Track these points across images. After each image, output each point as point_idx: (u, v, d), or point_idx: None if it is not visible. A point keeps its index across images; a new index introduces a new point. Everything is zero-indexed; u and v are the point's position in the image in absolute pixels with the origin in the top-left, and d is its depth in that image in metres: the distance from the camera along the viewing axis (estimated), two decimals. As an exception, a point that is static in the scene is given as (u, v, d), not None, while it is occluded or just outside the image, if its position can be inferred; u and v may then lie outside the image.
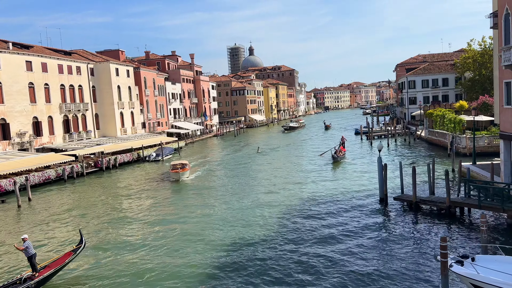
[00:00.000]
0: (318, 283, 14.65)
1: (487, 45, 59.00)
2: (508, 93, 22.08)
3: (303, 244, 18.53)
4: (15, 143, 43.19)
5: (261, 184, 33.31)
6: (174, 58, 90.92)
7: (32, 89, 46.07)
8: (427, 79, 74.93)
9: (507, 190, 19.36)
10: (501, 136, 23.46)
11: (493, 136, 37.58)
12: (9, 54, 43.23)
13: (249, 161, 47.43)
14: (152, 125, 69.72)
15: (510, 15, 20.79)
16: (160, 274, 16.27)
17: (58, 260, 16.12)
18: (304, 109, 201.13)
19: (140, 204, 28.91)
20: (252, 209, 25.22)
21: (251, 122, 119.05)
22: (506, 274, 11.79)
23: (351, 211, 23.35)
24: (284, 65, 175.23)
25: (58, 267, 15.63)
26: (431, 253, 16.49)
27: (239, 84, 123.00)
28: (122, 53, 73.43)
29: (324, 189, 29.55)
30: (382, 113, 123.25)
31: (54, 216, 26.79)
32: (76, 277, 16.46)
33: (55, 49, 54.57)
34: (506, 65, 20.97)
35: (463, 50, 68.68)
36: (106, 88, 57.84)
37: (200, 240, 20.03)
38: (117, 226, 23.45)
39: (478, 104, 47.68)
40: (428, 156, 41.57)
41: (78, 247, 16.78)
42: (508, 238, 17.74)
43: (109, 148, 48.69)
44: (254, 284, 14.86)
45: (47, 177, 38.62)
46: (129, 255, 18.57)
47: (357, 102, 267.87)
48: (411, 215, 21.84)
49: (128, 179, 40.04)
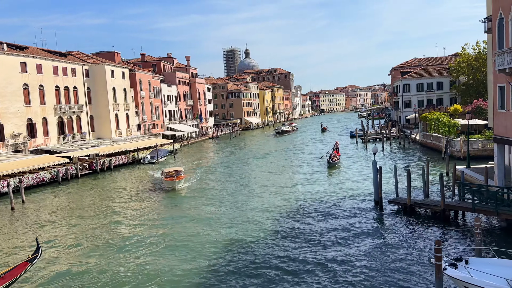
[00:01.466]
0: (312, 287, 14.63)
1: (481, 50, 59.39)
2: (502, 97, 22.22)
3: (297, 248, 18.50)
4: (9, 144, 42.90)
5: (256, 190, 32.58)
6: (169, 60, 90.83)
7: (26, 90, 45.82)
8: (421, 82, 75.34)
9: (501, 193, 19.47)
10: (495, 139, 23.60)
11: (487, 140, 37.82)
12: (3, 55, 42.99)
13: (244, 166, 47.04)
14: (147, 127, 69.52)
15: (504, 20, 20.96)
16: (150, 280, 16.18)
17: (13, 270, 15.08)
18: (300, 112, 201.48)
19: (133, 208, 28.76)
20: (250, 213, 25.16)
21: (246, 124, 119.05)
22: (499, 278, 11.84)
23: (346, 214, 23.38)
24: (280, 68, 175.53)
25: (13, 279, 14.69)
26: (426, 256, 16.54)
27: (234, 86, 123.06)
28: (118, 55, 73.22)
29: (319, 192, 29.57)
30: (377, 116, 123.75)
31: (47, 218, 26.60)
32: (59, 279, 16.34)
33: (50, 51, 54.35)
34: (500, 69, 21.11)
35: (458, 54, 69.06)
36: (101, 90, 57.63)
37: (192, 250, 19.52)
38: (110, 230, 23.30)
39: (472, 108, 47.98)
40: (422, 159, 41.74)
41: (34, 256, 15.92)
42: (501, 241, 17.84)
43: (103, 150, 48.48)
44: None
45: (41, 179, 38.38)
46: (120, 259, 18.45)
47: (352, 105, 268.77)
48: (405, 218, 21.90)
49: (123, 182, 39.85)
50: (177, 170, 35.61)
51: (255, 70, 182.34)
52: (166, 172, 35.36)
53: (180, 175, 34.56)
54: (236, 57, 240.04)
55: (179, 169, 36.40)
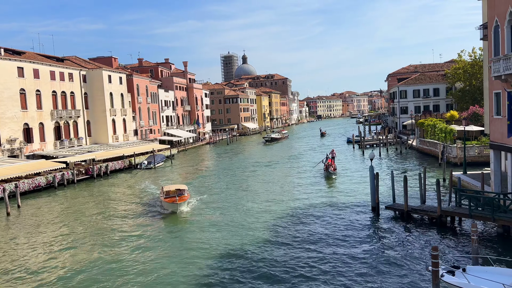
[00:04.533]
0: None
1: (477, 56, 59.82)
2: (498, 103, 22.34)
3: (293, 253, 18.46)
4: (5, 149, 42.72)
5: (256, 199, 32.73)
6: (167, 66, 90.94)
7: (23, 95, 45.71)
8: (418, 89, 75.70)
9: (497, 199, 19.51)
10: (491, 146, 23.69)
11: (484, 146, 37.95)
12: (0, 60, 42.91)
13: (242, 174, 46.43)
14: (145, 132, 69.43)
15: (500, 27, 21.12)
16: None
17: None
18: (297, 118, 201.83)
19: (127, 215, 28.63)
20: (253, 219, 25.10)
21: (244, 130, 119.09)
22: (497, 283, 11.84)
23: (343, 220, 23.36)
24: (277, 73, 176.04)
25: None
26: (423, 262, 16.52)
27: (232, 92, 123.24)
28: (115, 60, 73.27)
29: (316, 198, 29.54)
30: (374, 122, 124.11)
31: (43, 223, 26.45)
32: (54, 283, 16.22)
33: (48, 56, 54.31)
34: (495, 76, 21.24)
35: (454, 61, 69.56)
36: (98, 95, 57.57)
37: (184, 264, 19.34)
38: (105, 237, 23.17)
39: (468, 114, 48.21)
40: (419, 165, 41.82)
41: None
42: (498, 247, 17.85)
43: (100, 156, 48.33)
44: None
45: (37, 184, 38.18)
46: (113, 265, 18.35)
47: (349, 111, 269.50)
48: (402, 224, 21.90)
49: (120, 187, 39.69)
50: (180, 189, 28.87)
51: (253, 76, 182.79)
52: (166, 190, 28.72)
53: (183, 195, 27.83)
54: (234, 63, 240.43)
55: (182, 187, 29.54)
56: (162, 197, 27.94)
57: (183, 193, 28.14)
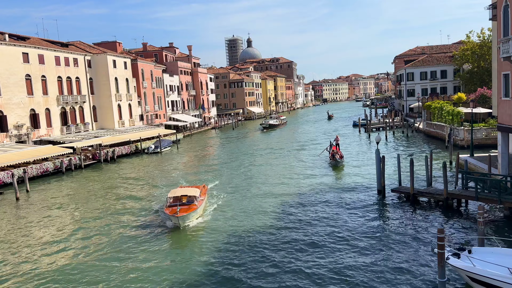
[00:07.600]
0: (316, 273, 14.72)
1: (486, 37, 58.82)
2: (507, 85, 22.05)
3: (299, 237, 18.58)
4: (13, 135, 43.05)
5: (263, 187, 33.07)
6: (171, 50, 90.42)
7: (29, 81, 45.83)
8: (425, 71, 74.85)
9: (504, 182, 19.43)
10: (499, 128, 23.47)
11: (491, 128, 37.62)
12: (5, 46, 42.92)
13: (247, 159, 46.71)
14: (150, 118, 69.55)
15: (509, 7, 20.69)
16: (149, 277, 16.29)
17: None
18: (303, 101, 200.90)
19: (136, 198, 28.89)
20: (261, 207, 25.24)
21: (249, 114, 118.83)
22: (502, 267, 11.86)
23: (349, 203, 23.42)
24: (282, 57, 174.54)
25: None
26: (428, 244, 16.58)
27: (237, 76, 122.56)
28: (120, 44, 72.96)
29: (323, 181, 29.60)
30: (380, 105, 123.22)
31: (51, 208, 26.80)
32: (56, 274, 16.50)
33: (52, 41, 54.19)
34: (504, 57, 20.91)
35: (462, 42, 68.49)
36: (103, 80, 57.58)
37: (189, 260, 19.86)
38: (113, 221, 23.44)
39: (476, 96, 47.66)
40: (426, 148, 41.63)
41: None
42: (505, 230, 17.84)
43: (107, 141, 48.59)
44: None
45: (45, 170, 38.55)
46: (120, 253, 18.61)
47: (355, 94, 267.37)
48: (408, 207, 21.92)
49: (127, 172, 39.98)
50: (188, 195, 21.85)
51: (258, 60, 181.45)
52: (170, 196, 22.05)
53: (191, 205, 21.09)
54: (238, 47, 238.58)
55: (192, 192, 22.25)
56: (168, 209, 20.85)
57: (192, 200, 21.52)
